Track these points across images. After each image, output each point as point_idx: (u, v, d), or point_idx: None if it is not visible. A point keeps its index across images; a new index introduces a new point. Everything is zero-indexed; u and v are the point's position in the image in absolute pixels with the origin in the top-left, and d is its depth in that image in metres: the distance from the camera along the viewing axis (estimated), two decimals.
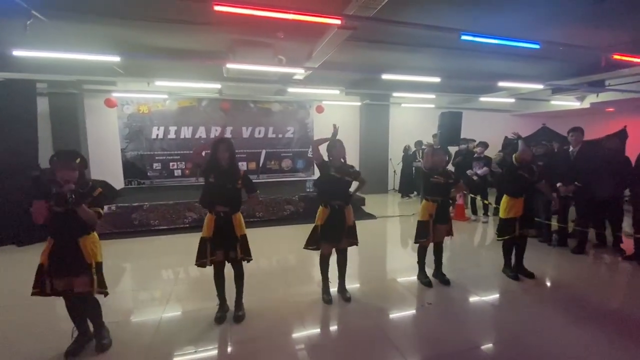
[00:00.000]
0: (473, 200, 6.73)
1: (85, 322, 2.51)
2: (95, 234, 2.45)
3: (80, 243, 2.31)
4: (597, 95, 8.40)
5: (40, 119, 6.00)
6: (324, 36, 4.65)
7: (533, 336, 2.68)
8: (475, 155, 6.62)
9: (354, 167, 3.20)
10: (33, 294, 2.31)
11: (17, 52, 4.52)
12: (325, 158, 3.16)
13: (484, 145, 6.62)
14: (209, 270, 2.94)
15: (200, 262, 2.78)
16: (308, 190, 7.09)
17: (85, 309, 2.46)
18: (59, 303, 2.49)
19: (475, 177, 6.41)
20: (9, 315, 3.06)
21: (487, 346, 2.59)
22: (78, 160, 2.31)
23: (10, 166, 5.33)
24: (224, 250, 2.82)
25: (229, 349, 2.55)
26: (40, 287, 2.30)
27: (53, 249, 2.28)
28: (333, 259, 3.27)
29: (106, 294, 2.46)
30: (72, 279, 2.30)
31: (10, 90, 5.52)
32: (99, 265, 2.42)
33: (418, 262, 3.69)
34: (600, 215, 4.66)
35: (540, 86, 7.08)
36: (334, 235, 3.10)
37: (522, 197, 3.63)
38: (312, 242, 3.15)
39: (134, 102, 7.86)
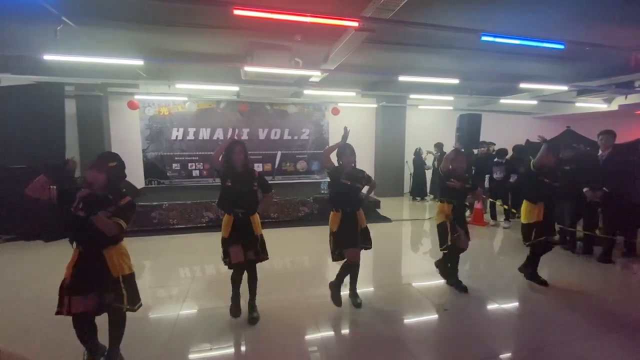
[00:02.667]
0: (492, 205, 6.56)
1: (95, 340, 2.26)
2: (123, 244, 2.26)
3: (105, 254, 2.13)
4: (626, 97, 8.04)
5: (68, 120, 6.26)
6: (341, 38, 4.66)
7: (555, 347, 2.58)
8: (496, 160, 6.43)
9: (364, 172, 3.13)
10: (57, 313, 2.10)
11: (48, 57, 4.75)
12: (336, 163, 3.14)
13: (504, 152, 6.46)
14: (225, 269, 2.98)
15: (226, 261, 2.86)
16: (323, 192, 7.09)
17: (110, 325, 2.24)
18: None
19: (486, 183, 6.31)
20: (38, 308, 3.20)
21: (506, 355, 2.51)
22: (112, 164, 2.15)
23: (39, 165, 5.57)
24: (242, 250, 2.84)
25: (244, 348, 2.59)
26: (64, 306, 2.09)
27: (78, 261, 2.11)
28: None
29: (134, 310, 2.26)
30: (97, 295, 2.12)
31: (41, 93, 5.81)
32: (129, 278, 2.22)
33: (450, 267, 3.55)
34: (631, 222, 4.44)
35: (564, 88, 6.85)
36: (351, 238, 3.06)
37: (542, 202, 3.51)
38: (337, 253, 3.08)
39: (155, 104, 8.12)
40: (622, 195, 4.23)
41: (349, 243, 3.05)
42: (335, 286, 3.19)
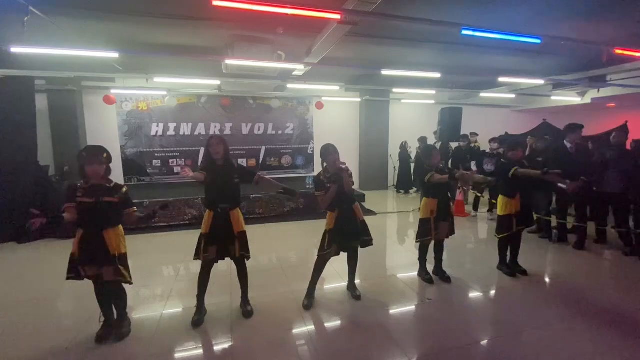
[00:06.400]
0: (477, 198, 6.67)
1: (111, 309, 2.67)
2: (121, 227, 2.59)
3: (104, 235, 2.45)
4: (599, 91, 8.37)
5: (40, 115, 5.99)
6: (323, 31, 4.62)
7: (533, 332, 2.69)
8: (488, 151, 6.48)
9: (345, 164, 3.01)
10: (68, 278, 2.48)
11: (15, 49, 4.48)
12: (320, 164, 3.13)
13: (498, 141, 6.50)
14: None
15: (198, 257, 2.80)
16: (308, 186, 7.08)
17: (112, 296, 2.64)
18: (68, 297, 2.41)
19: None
20: (11, 312, 3.09)
21: (487, 342, 2.60)
22: (105, 155, 2.48)
23: (10, 163, 5.32)
24: (221, 246, 2.80)
25: (230, 345, 2.56)
26: (74, 273, 2.47)
27: (81, 239, 2.44)
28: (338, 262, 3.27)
29: (129, 283, 2.58)
30: (99, 267, 2.47)
31: (9, 88, 5.50)
32: (123, 256, 2.56)
33: (419, 259, 3.68)
34: (603, 210, 4.65)
35: (541, 81, 7.05)
36: (345, 236, 3.04)
37: (518, 195, 3.62)
38: (321, 248, 3.06)
39: (132, 99, 7.85)
40: (592, 185, 4.41)
41: (338, 240, 3.03)
42: (310, 288, 3.20)
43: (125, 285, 2.62)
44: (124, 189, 2.58)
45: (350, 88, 8.86)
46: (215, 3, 3.07)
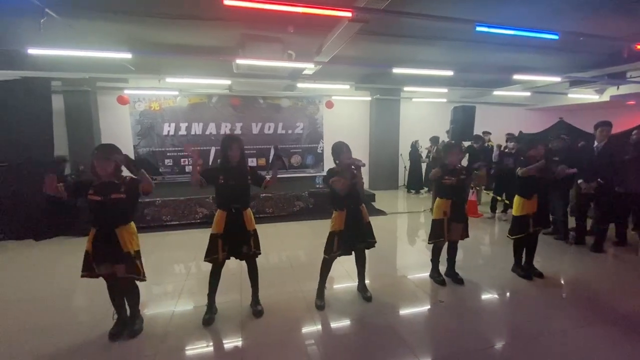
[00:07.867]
0: (495, 199, 6.49)
1: (124, 306, 2.68)
2: (133, 224, 2.61)
3: (117, 233, 2.47)
4: (618, 88, 8.10)
5: (55, 116, 6.11)
6: (334, 30, 4.59)
7: (549, 337, 2.61)
8: (507, 150, 6.31)
9: (361, 161, 3.00)
10: (82, 276, 2.52)
11: (32, 51, 4.60)
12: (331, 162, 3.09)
13: (517, 139, 6.35)
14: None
15: (211, 258, 2.79)
16: (317, 186, 7.06)
17: (125, 293, 2.65)
18: (83, 294, 2.45)
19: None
20: (46, 304, 3.18)
21: (501, 346, 2.53)
22: (115, 153, 2.48)
23: (27, 163, 5.45)
24: (234, 246, 2.82)
25: (240, 343, 2.56)
26: (89, 271, 2.51)
27: (95, 237, 2.48)
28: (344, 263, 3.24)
29: (143, 280, 2.61)
30: (112, 265, 2.49)
31: (26, 88, 5.64)
32: (136, 253, 2.58)
33: (432, 260, 3.62)
34: (624, 211, 4.49)
35: (557, 79, 6.87)
36: (352, 238, 3.01)
37: (534, 196, 3.52)
38: (329, 250, 3.02)
39: (145, 99, 7.97)
40: (613, 185, 4.27)
41: (346, 242, 2.99)
42: (319, 290, 3.19)
43: (138, 283, 2.64)
44: (129, 179, 2.54)
45: (360, 87, 8.80)
46: (226, 3, 3.08)
